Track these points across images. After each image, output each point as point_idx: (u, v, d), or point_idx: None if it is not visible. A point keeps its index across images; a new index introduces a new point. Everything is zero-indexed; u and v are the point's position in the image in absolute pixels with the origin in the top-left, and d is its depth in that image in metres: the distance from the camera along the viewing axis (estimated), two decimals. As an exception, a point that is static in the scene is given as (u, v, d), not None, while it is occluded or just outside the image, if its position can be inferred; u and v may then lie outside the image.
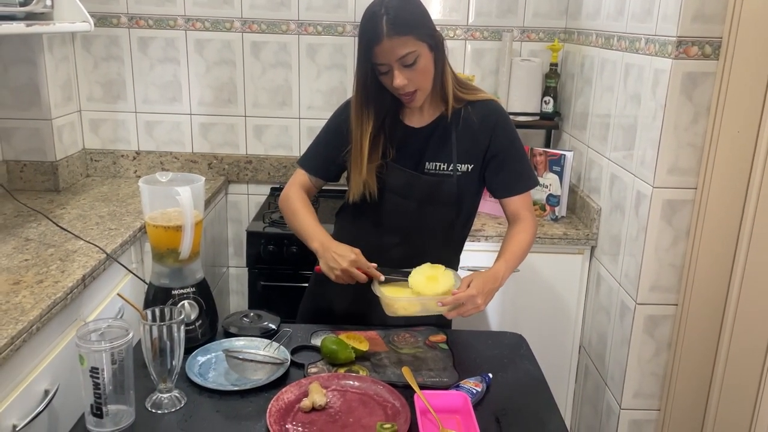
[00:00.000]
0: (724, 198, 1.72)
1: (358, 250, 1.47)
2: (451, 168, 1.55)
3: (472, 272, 1.46)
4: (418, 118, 1.58)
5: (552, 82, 2.58)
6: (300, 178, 1.69)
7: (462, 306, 1.36)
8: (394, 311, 1.40)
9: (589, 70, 2.32)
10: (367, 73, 1.45)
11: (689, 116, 1.72)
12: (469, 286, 1.37)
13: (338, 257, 1.45)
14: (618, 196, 2.03)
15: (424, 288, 1.40)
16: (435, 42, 1.45)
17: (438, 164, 1.56)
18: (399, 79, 1.41)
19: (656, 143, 1.76)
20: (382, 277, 1.46)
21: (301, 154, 1.72)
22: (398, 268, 1.49)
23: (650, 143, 1.80)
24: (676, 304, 1.86)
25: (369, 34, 1.40)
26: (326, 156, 1.65)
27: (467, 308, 1.36)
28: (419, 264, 1.47)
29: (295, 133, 2.71)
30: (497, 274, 1.45)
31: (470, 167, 1.57)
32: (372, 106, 1.50)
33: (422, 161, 1.56)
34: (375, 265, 1.47)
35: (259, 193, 2.78)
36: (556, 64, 2.58)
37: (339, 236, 1.59)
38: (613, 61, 2.09)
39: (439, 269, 1.44)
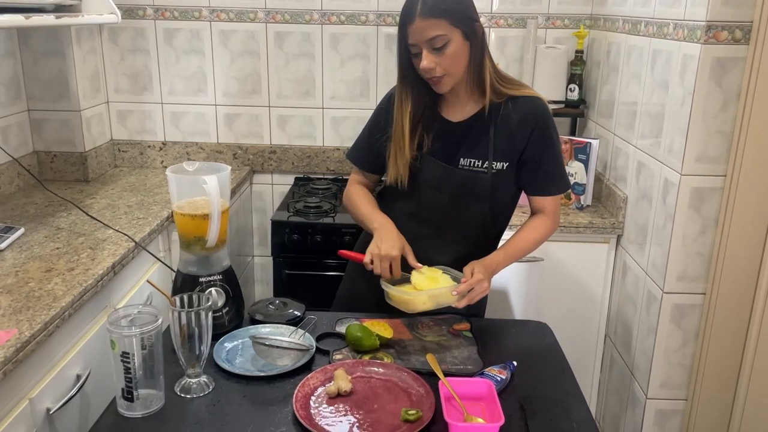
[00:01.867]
0: (754, 185, 1.69)
1: (409, 248, 1.50)
2: (485, 165, 1.53)
3: (473, 262, 1.49)
4: (456, 112, 1.56)
5: (577, 70, 2.55)
6: (353, 175, 1.72)
7: (471, 291, 1.41)
8: (414, 308, 1.43)
9: (616, 57, 2.29)
10: (402, 53, 1.47)
11: (718, 103, 1.69)
12: (473, 273, 1.43)
13: (389, 241, 1.48)
14: (645, 185, 2.01)
15: (428, 286, 1.43)
16: (472, 31, 1.43)
17: (472, 161, 1.54)
18: (426, 61, 1.41)
19: (684, 130, 1.74)
20: (417, 265, 1.48)
21: (350, 148, 1.73)
22: (431, 261, 1.52)
23: (678, 131, 1.78)
24: (704, 294, 1.84)
25: (405, 13, 1.42)
26: (369, 146, 1.65)
27: (477, 292, 1.42)
28: (452, 255, 1.53)
29: (318, 123, 2.72)
30: (493, 265, 1.50)
31: (506, 165, 1.54)
32: (409, 87, 1.51)
33: (457, 156, 1.54)
34: (421, 266, 1.49)
35: (284, 182, 2.80)
36: (581, 51, 2.55)
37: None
38: (641, 48, 2.06)
39: (437, 272, 1.48)
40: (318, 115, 2.72)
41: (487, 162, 1.53)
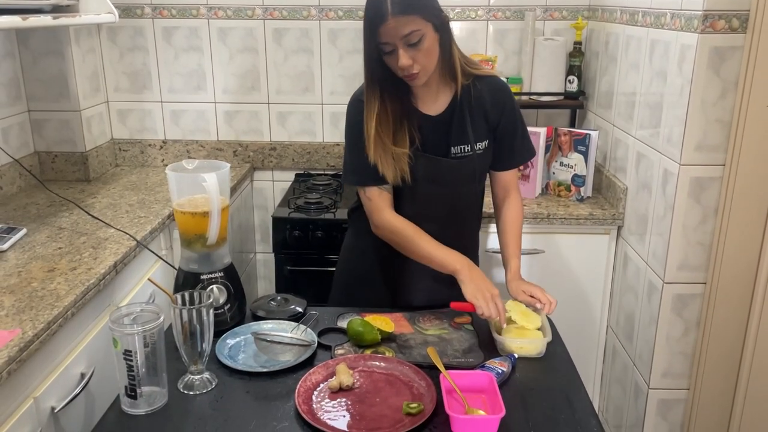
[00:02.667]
0: (753, 174, 1.70)
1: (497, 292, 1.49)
2: (469, 149, 1.59)
3: (515, 284, 1.59)
4: (431, 105, 1.57)
5: (576, 61, 2.55)
6: (381, 197, 1.58)
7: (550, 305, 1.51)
8: (527, 353, 1.41)
9: (614, 48, 2.29)
10: (372, 53, 1.46)
11: (716, 92, 1.69)
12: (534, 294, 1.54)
13: (483, 280, 1.49)
14: (644, 175, 2.01)
15: (527, 322, 1.46)
16: (441, 22, 1.44)
17: (461, 147, 1.59)
18: (404, 59, 1.41)
19: (683, 120, 1.74)
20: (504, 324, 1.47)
21: (348, 177, 1.64)
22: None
23: (677, 120, 1.78)
24: (705, 283, 1.84)
25: (373, 13, 1.40)
26: (367, 160, 1.57)
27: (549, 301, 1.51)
28: (454, 243, 1.57)
29: (318, 119, 2.73)
30: (519, 272, 1.63)
31: (486, 143, 1.62)
32: (378, 87, 1.50)
33: (448, 147, 1.58)
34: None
35: (284, 179, 2.80)
36: (580, 43, 2.55)
37: (365, 238, 1.66)
38: (638, 38, 2.06)
39: (520, 306, 1.52)
40: (317, 111, 2.72)
41: (469, 144, 1.58)
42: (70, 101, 2.41)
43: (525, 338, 1.41)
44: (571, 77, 2.55)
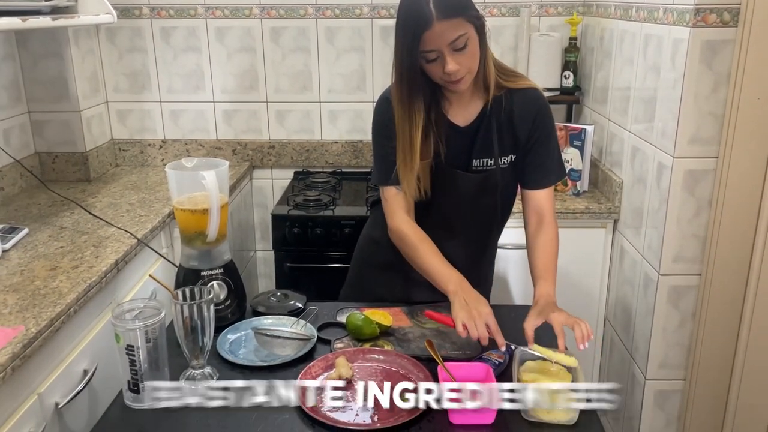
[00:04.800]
0: (746, 166, 1.71)
1: (490, 311, 1.38)
2: (493, 163, 1.52)
3: (539, 313, 1.40)
4: (462, 114, 1.51)
5: (572, 57, 2.57)
6: (396, 199, 1.54)
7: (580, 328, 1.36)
8: (557, 419, 1.19)
9: (609, 43, 2.30)
10: (414, 64, 1.36)
11: (709, 85, 1.71)
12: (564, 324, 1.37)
13: (476, 300, 1.38)
14: (640, 169, 2.03)
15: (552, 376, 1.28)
16: (480, 24, 1.37)
17: (484, 160, 1.52)
18: (452, 65, 1.33)
19: (676, 114, 1.75)
20: (502, 341, 1.35)
21: (373, 174, 1.61)
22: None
23: (670, 114, 1.80)
24: (700, 275, 1.86)
25: (415, 20, 1.31)
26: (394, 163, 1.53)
27: (582, 327, 1.37)
28: (464, 255, 1.55)
29: (316, 117, 2.74)
30: (551, 298, 1.46)
31: (513, 158, 1.55)
32: (420, 97, 1.42)
33: (470, 159, 1.52)
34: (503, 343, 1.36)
35: (283, 177, 2.82)
36: (575, 38, 2.56)
37: (382, 230, 1.59)
38: (633, 33, 2.07)
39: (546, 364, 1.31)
40: (316, 109, 2.74)
41: (492, 158, 1.52)
42: (70, 102, 2.43)
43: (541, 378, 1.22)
44: (566, 73, 2.56)
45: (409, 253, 1.53)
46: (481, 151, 1.52)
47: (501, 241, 2.23)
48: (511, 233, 2.24)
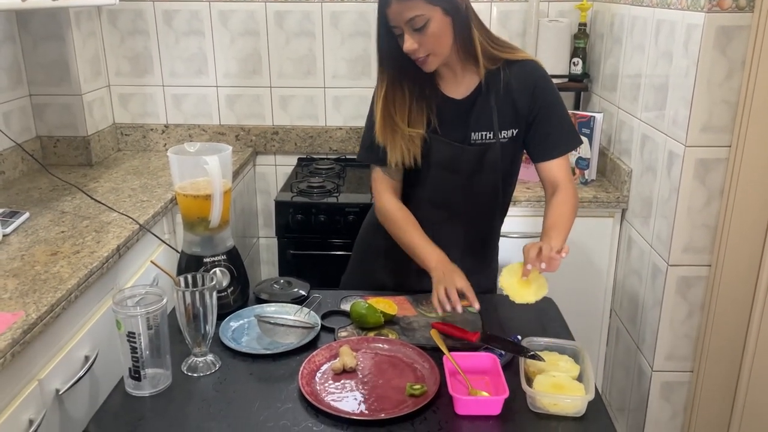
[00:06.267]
0: (759, 154, 1.68)
1: (467, 283, 1.41)
2: (492, 137, 1.51)
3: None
4: (456, 88, 1.52)
5: (581, 43, 2.53)
6: (383, 180, 1.59)
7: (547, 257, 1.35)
8: (564, 411, 1.18)
9: (619, 29, 2.26)
10: (383, 35, 1.43)
11: (723, 72, 1.67)
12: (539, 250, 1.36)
13: (452, 273, 1.41)
14: (649, 157, 2.00)
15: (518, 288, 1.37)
16: (452, 5, 1.38)
17: (483, 133, 1.51)
18: (408, 43, 1.38)
19: (689, 101, 1.72)
20: (477, 305, 1.39)
21: (359, 150, 1.62)
22: (446, 245, 1.50)
23: (682, 101, 1.76)
24: (709, 265, 1.84)
25: None
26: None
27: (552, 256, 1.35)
28: (465, 234, 1.57)
29: (320, 102, 2.71)
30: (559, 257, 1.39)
31: (515, 132, 1.53)
32: (387, 66, 1.47)
33: (468, 133, 1.51)
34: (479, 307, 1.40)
35: (287, 163, 2.79)
36: (584, 24, 2.52)
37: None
38: (644, 18, 2.03)
39: (518, 272, 1.39)
40: (320, 95, 2.70)
41: (492, 131, 1.51)
42: (71, 85, 2.40)
43: (562, 394, 1.18)
44: (575, 59, 2.52)
45: (394, 231, 1.57)
46: (479, 124, 1.51)
47: (506, 229, 2.21)
48: (517, 222, 2.23)
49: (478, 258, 1.67)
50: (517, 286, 1.37)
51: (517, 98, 1.50)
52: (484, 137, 1.51)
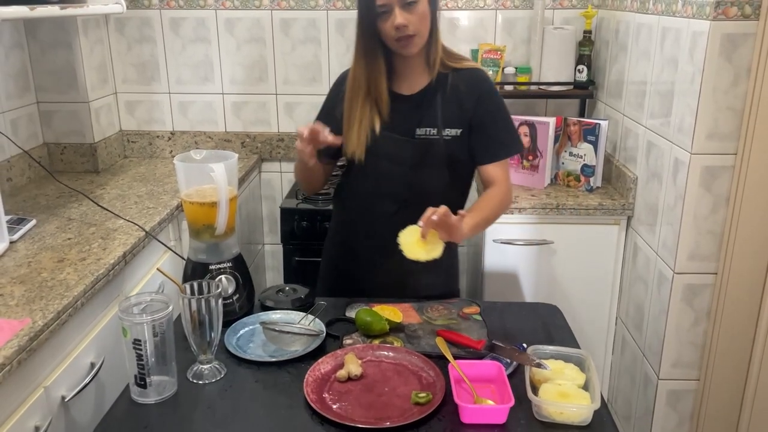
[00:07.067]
0: (765, 162, 1.68)
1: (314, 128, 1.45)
2: (438, 133, 1.58)
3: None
4: (408, 85, 1.60)
5: (586, 50, 2.53)
6: None
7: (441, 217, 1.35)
8: (569, 420, 1.17)
9: (624, 36, 2.26)
10: (368, 15, 1.49)
11: (729, 79, 1.67)
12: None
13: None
14: (655, 165, 1.99)
15: (423, 249, 1.39)
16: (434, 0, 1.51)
17: (428, 129, 1.58)
18: (400, 18, 1.44)
19: (694, 108, 1.72)
20: (327, 132, 1.44)
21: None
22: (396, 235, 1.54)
23: (688, 109, 1.76)
24: (716, 273, 1.83)
25: None
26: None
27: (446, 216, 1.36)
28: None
29: (326, 109, 2.71)
30: (461, 227, 1.41)
31: (459, 132, 1.59)
32: (370, 53, 1.54)
33: (413, 127, 1.59)
34: (329, 140, 1.45)
35: (292, 170, 2.79)
36: (589, 32, 2.52)
37: (341, 210, 1.75)
38: (649, 26, 2.03)
39: (417, 232, 1.38)
40: (325, 102, 2.71)
41: (437, 128, 1.58)
42: (78, 92, 2.41)
43: (568, 403, 1.17)
44: (580, 66, 2.53)
45: (297, 174, 1.72)
46: (425, 120, 1.58)
47: (511, 236, 2.23)
48: (519, 229, 2.23)
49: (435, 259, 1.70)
50: (413, 243, 1.39)
51: (463, 100, 1.58)
52: (428, 133, 1.58)
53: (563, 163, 2.38)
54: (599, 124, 2.26)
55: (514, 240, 2.24)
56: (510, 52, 2.61)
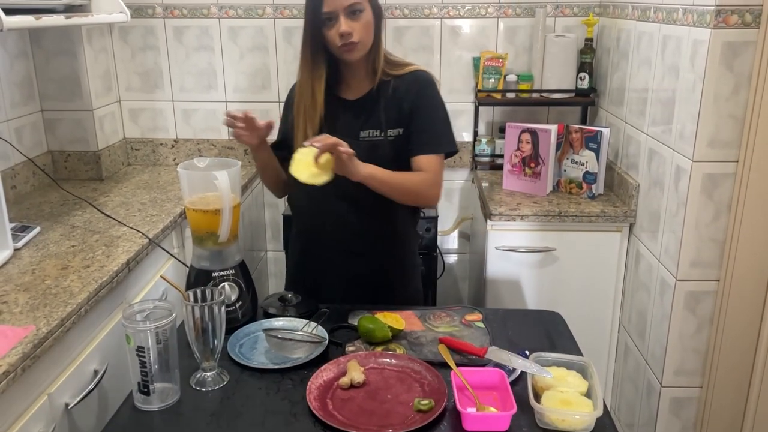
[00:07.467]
0: (766, 170, 1.68)
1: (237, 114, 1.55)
2: (382, 134, 1.63)
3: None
4: (352, 92, 1.67)
5: (587, 58, 2.54)
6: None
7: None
8: (572, 427, 1.16)
9: (626, 44, 2.27)
10: (314, 24, 1.55)
11: (729, 87, 1.68)
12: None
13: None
14: (657, 172, 2.00)
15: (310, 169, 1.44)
16: (378, 10, 1.59)
17: (371, 131, 1.64)
18: (345, 26, 1.52)
19: (695, 116, 1.72)
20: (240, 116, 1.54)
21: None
22: (353, 236, 1.68)
23: (689, 116, 1.76)
24: (718, 280, 1.83)
25: None
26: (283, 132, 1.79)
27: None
28: (374, 231, 1.69)
29: (328, 117, 2.72)
30: (358, 165, 1.49)
31: (401, 131, 1.65)
32: (318, 60, 1.60)
33: (357, 130, 1.64)
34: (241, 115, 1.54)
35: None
36: (591, 39, 2.53)
37: (297, 211, 1.82)
38: (650, 34, 2.04)
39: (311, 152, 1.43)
40: (328, 109, 2.72)
41: (381, 130, 1.63)
42: (82, 100, 2.42)
43: (570, 410, 1.16)
44: (582, 74, 2.54)
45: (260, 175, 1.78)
46: (369, 123, 1.64)
47: (514, 244, 2.23)
48: (521, 236, 2.23)
49: (389, 255, 1.76)
50: (303, 162, 1.43)
51: (403, 100, 1.64)
52: (372, 135, 1.64)
53: (565, 171, 2.38)
54: (601, 131, 2.27)
55: (516, 247, 2.24)
56: (512, 59, 2.62)
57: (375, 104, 1.65)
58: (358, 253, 1.71)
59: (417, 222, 1.85)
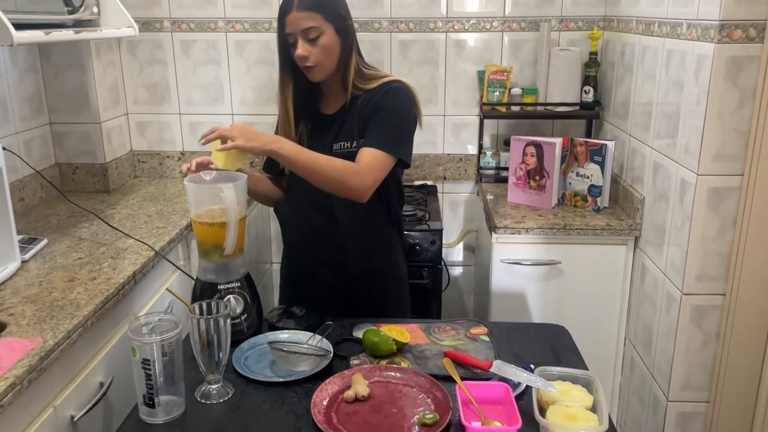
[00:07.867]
0: (772, 184, 1.68)
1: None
2: (354, 145, 1.64)
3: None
4: (330, 105, 1.71)
5: (592, 72, 2.55)
6: None
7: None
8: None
9: (630, 58, 2.28)
10: (281, 42, 1.61)
11: (734, 101, 1.68)
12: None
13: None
14: (662, 185, 2.00)
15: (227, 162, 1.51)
16: (344, 28, 1.60)
17: (344, 143, 1.66)
18: (300, 50, 1.55)
19: (700, 130, 1.73)
20: (192, 166, 1.58)
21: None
22: (329, 247, 1.72)
23: (694, 130, 1.77)
24: (724, 294, 1.82)
25: (284, 6, 1.58)
26: None
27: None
28: (352, 241, 1.71)
29: (334, 129, 2.74)
30: (270, 137, 1.53)
31: None
32: (290, 74, 1.65)
33: (331, 143, 1.67)
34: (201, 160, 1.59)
35: (301, 190, 2.81)
36: (595, 53, 2.54)
37: (282, 224, 1.86)
38: (655, 48, 2.05)
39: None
40: (333, 122, 2.73)
41: (354, 141, 1.64)
42: (90, 114, 2.45)
43: (575, 425, 1.15)
44: (586, 87, 2.54)
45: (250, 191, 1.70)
46: (342, 135, 1.67)
47: (519, 257, 2.23)
48: (526, 249, 2.23)
49: (367, 267, 1.76)
50: (216, 153, 1.51)
51: (365, 108, 1.65)
52: (344, 147, 1.66)
53: (570, 184, 2.39)
54: (606, 144, 2.27)
55: (521, 260, 2.24)
56: (516, 73, 2.64)
57: (346, 117, 1.68)
58: (336, 265, 1.73)
59: (402, 234, 1.84)
